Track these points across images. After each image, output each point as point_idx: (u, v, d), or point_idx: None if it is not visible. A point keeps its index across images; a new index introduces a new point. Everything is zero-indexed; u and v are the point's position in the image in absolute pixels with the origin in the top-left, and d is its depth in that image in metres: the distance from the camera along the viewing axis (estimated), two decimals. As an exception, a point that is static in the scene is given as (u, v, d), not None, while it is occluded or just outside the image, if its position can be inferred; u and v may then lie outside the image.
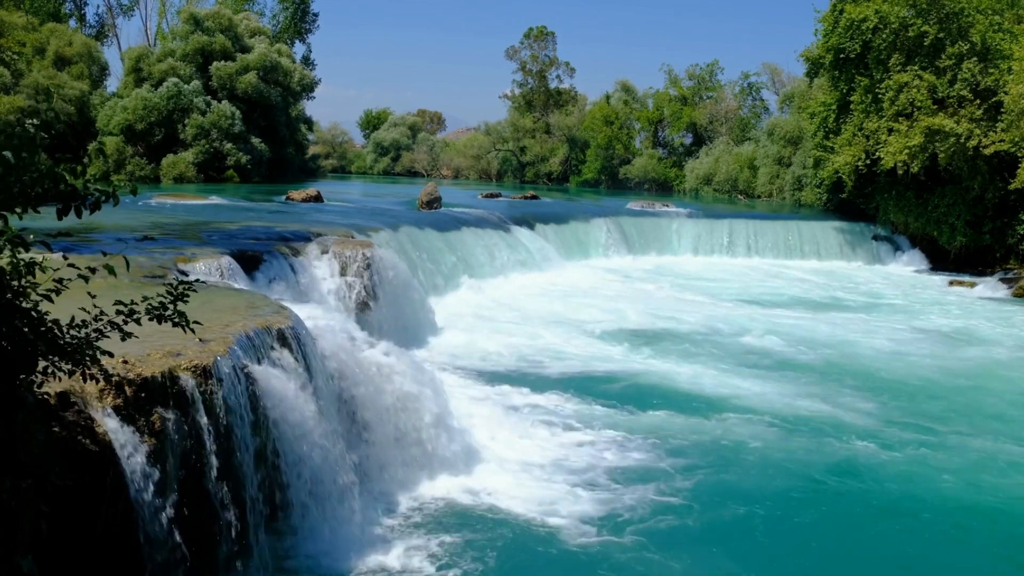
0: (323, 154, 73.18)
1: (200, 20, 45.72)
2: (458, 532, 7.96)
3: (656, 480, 9.40)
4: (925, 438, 11.19)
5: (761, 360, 15.23)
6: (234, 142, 43.36)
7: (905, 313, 21.17)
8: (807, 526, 8.61)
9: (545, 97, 68.40)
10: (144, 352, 6.20)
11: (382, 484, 8.70)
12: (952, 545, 8.36)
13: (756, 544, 8.18)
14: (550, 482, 9.23)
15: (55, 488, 4.48)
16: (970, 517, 8.95)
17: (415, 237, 20.44)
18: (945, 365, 15.56)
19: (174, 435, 5.98)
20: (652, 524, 8.33)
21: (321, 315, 9.71)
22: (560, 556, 7.66)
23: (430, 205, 27.21)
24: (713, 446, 10.64)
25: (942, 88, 28.23)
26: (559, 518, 8.34)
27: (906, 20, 28.77)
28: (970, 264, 29.73)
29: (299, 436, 7.30)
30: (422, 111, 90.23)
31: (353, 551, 7.35)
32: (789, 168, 44.34)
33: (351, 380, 8.80)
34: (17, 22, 41.85)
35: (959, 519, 8.88)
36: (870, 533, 8.51)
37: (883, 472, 9.99)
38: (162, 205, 23.45)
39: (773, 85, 58.96)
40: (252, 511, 6.73)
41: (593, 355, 15.14)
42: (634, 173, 58.72)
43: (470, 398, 11.99)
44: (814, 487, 9.56)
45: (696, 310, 20.10)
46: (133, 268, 10.23)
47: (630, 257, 29.29)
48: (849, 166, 30.52)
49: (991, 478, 9.93)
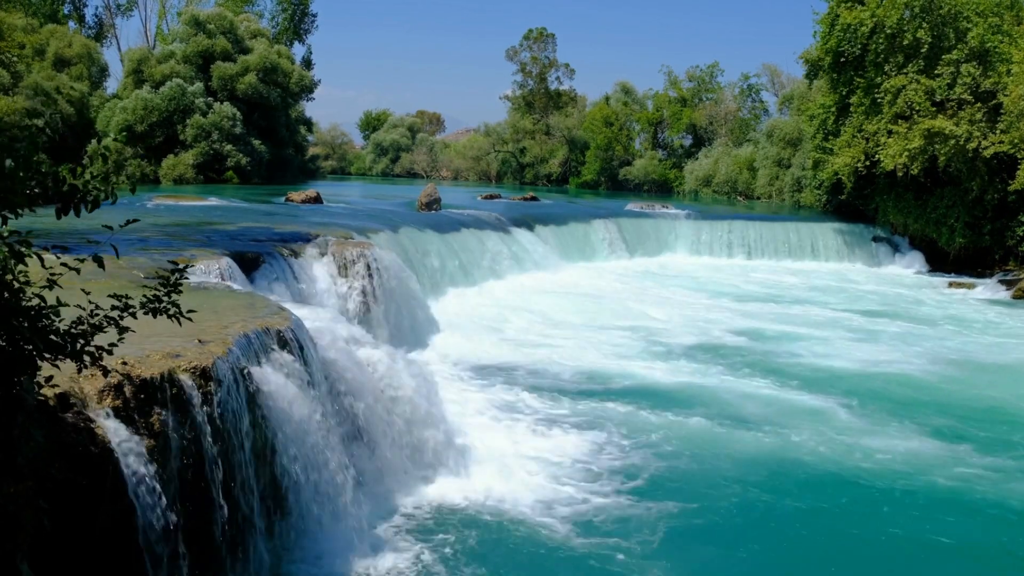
0: (322, 155, 73.28)
1: (202, 22, 45.74)
2: (456, 534, 7.97)
3: (657, 481, 9.41)
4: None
5: (751, 360, 15.28)
6: (234, 143, 43.38)
7: (905, 315, 21.17)
8: (809, 526, 8.62)
9: (545, 98, 68.43)
10: (143, 353, 6.21)
11: (381, 485, 8.70)
12: (940, 542, 8.38)
13: (758, 544, 8.18)
14: (548, 483, 9.23)
15: (55, 487, 4.48)
16: (969, 517, 8.96)
17: (415, 238, 20.45)
18: (944, 365, 15.60)
19: (173, 436, 5.98)
20: (653, 525, 8.33)
21: (320, 316, 9.71)
22: (559, 557, 7.66)
23: (429, 206, 27.21)
24: (715, 446, 10.64)
25: (940, 92, 28.25)
26: (558, 519, 8.34)
27: (902, 24, 28.78)
28: (969, 265, 29.75)
29: (298, 437, 7.31)
30: (421, 112, 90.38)
31: (351, 552, 7.36)
32: (788, 170, 44.36)
33: (350, 381, 8.80)
34: (17, 23, 41.84)
35: (959, 520, 8.89)
36: (871, 531, 8.53)
37: (883, 471, 10.02)
38: (162, 206, 23.44)
39: (773, 86, 59.08)
40: (251, 512, 6.73)
41: (594, 355, 15.14)
42: (634, 174, 58.75)
43: (468, 399, 12.00)
44: (814, 486, 9.58)
45: (696, 310, 20.13)
46: (132, 268, 10.24)
47: (629, 258, 29.31)
48: (848, 168, 30.53)
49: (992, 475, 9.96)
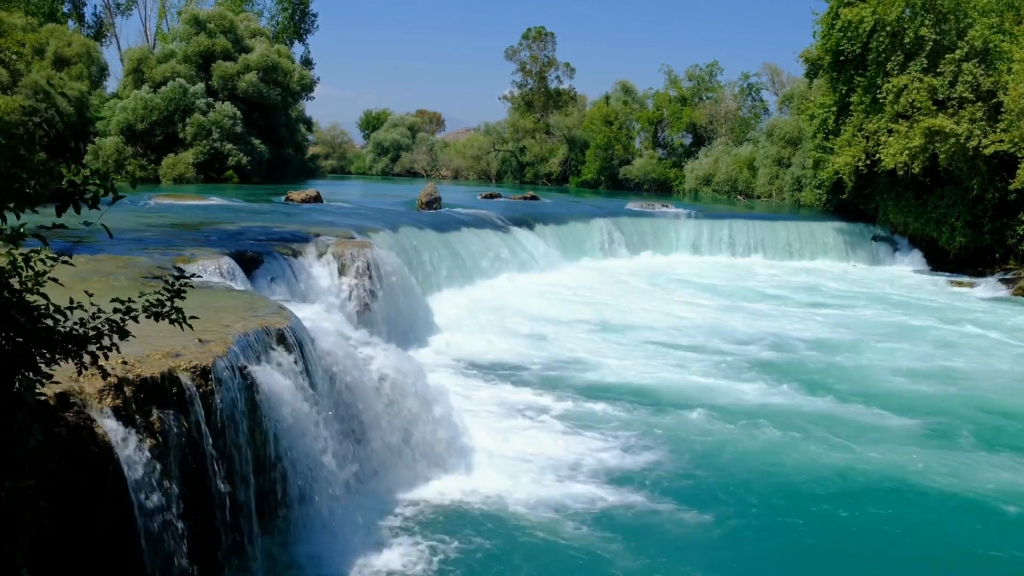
0: (323, 154, 73.21)
1: (202, 21, 45.70)
2: (456, 532, 7.97)
3: (658, 480, 9.41)
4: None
5: (749, 357, 15.27)
6: (234, 142, 43.35)
7: (904, 312, 21.18)
8: (810, 526, 8.62)
9: (545, 98, 68.37)
10: (144, 353, 6.21)
11: (380, 484, 8.70)
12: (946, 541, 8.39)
13: (760, 545, 8.19)
14: (549, 482, 9.23)
15: (55, 487, 4.48)
16: (965, 516, 8.96)
17: (415, 238, 20.44)
18: (946, 365, 15.60)
19: (173, 435, 5.99)
20: (653, 524, 8.33)
21: (320, 316, 9.72)
22: (559, 557, 7.67)
23: (430, 205, 27.20)
24: (716, 447, 10.64)
25: (942, 90, 28.22)
26: (557, 519, 8.34)
27: (903, 22, 28.77)
28: (970, 264, 29.72)
29: (297, 436, 7.31)
30: (421, 111, 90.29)
31: (351, 551, 7.36)
32: (788, 169, 44.35)
33: (350, 381, 8.80)
34: (16, 23, 41.80)
35: (958, 519, 8.90)
36: (873, 529, 8.53)
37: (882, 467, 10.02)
38: (162, 206, 23.43)
39: (773, 85, 59.00)
40: (251, 511, 6.74)
41: (594, 355, 15.14)
42: (633, 174, 58.71)
43: (468, 398, 12.00)
44: (816, 485, 9.58)
45: (695, 310, 20.12)
46: (132, 268, 10.25)
47: (630, 257, 29.30)
48: (849, 167, 30.51)
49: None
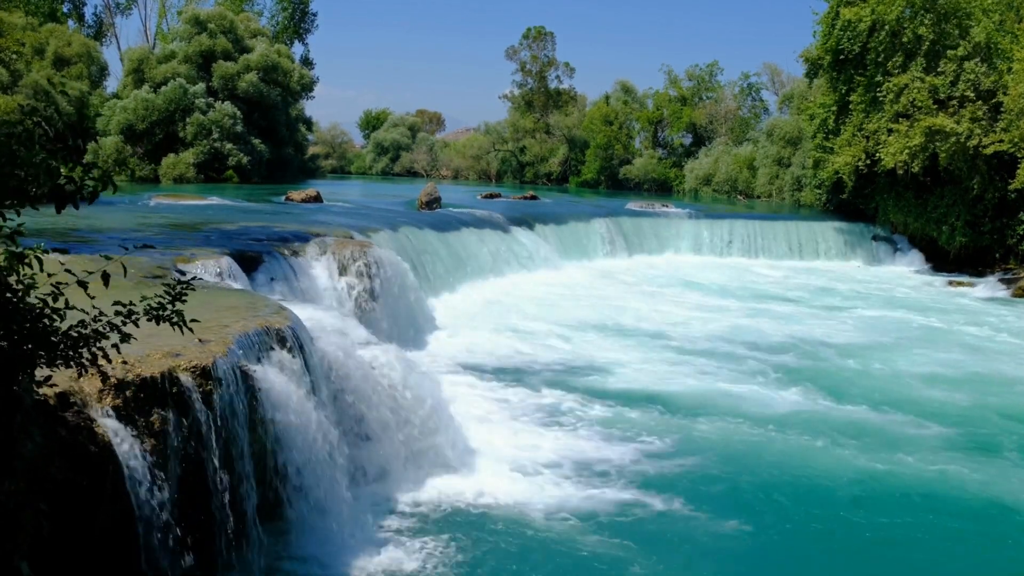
0: (323, 154, 73.13)
1: (202, 21, 45.69)
2: (456, 532, 7.96)
3: (658, 480, 9.40)
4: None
5: (749, 356, 15.28)
6: (235, 142, 43.33)
7: (907, 311, 21.18)
8: (811, 526, 8.62)
9: (545, 97, 68.32)
10: (144, 352, 6.21)
11: (380, 484, 8.71)
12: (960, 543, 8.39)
13: (761, 545, 8.18)
14: (549, 482, 9.22)
15: (55, 487, 4.47)
16: (967, 516, 8.97)
17: (415, 237, 20.45)
18: (946, 364, 15.59)
19: (173, 435, 5.99)
20: (653, 524, 8.33)
21: (320, 315, 9.72)
22: (558, 557, 7.66)
23: (430, 205, 27.20)
24: (716, 446, 10.64)
25: (943, 89, 28.21)
26: (557, 518, 8.34)
27: (902, 21, 28.76)
28: (969, 264, 29.71)
29: (297, 436, 7.31)
30: (421, 111, 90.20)
31: (350, 550, 7.36)
32: (788, 169, 44.34)
33: (350, 381, 8.80)
34: (16, 22, 41.79)
35: (959, 519, 8.89)
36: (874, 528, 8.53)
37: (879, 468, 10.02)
38: (162, 205, 23.43)
39: (773, 85, 58.94)
40: (250, 511, 6.73)
41: (595, 355, 15.12)
42: (634, 173, 58.68)
43: (468, 397, 11.98)
44: (816, 486, 9.58)
45: (693, 310, 20.12)
46: (133, 268, 10.24)
47: (630, 257, 29.30)
48: (849, 166, 30.51)
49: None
